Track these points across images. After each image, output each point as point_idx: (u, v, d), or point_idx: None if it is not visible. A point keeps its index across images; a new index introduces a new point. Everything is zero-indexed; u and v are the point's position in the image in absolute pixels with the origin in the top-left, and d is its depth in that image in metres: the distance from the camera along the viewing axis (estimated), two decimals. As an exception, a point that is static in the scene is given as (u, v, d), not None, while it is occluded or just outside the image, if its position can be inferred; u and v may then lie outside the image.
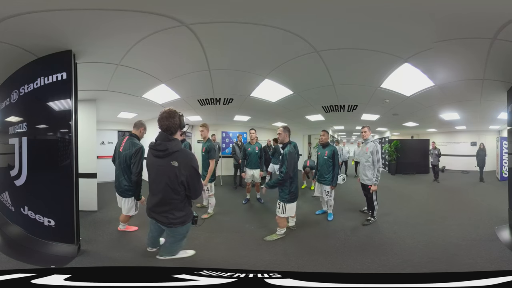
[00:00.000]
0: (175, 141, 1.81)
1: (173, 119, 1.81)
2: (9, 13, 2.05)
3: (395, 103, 4.94)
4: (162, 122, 1.80)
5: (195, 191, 1.88)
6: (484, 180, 7.74)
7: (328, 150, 4.16)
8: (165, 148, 1.77)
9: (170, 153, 1.77)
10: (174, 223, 1.91)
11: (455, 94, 4.32)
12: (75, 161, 2.76)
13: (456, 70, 3.42)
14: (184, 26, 2.38)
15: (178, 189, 1.81)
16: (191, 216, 2.00)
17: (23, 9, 2.02)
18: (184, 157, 1.80)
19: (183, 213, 1.92)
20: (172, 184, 1.79)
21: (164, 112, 1.81)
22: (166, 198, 1.86)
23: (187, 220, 1.96)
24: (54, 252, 2.68)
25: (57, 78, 2.72)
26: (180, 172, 1.77)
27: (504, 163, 7.64)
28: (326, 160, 4.09)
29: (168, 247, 2.17)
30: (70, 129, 2.75)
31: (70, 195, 2.72)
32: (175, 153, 1.77)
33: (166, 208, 1.89)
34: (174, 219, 1.90)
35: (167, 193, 1.84)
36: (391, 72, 3.48)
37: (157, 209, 1.93)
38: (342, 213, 4.30)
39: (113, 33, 2.48)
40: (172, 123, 1.80)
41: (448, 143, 10.11)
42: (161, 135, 1.82)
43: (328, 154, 4.12)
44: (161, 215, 1.92)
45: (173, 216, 1.90)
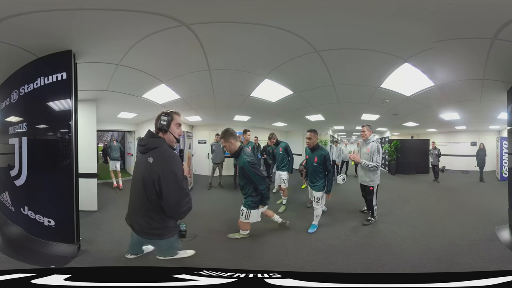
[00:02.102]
0: (158, 139, 1.76)
1: (157, 119, 1.82)
2: (9, 13, 2.05)
3: (395, 103, 4.94)
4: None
5: (168, 201, 1.61)
6: (484, 180, 7.73)
7: (317, 155, 3.53)
8: (145, 143, 1.75)
9: (149, 149, 1.71)
10: (149, 233, 1.72)
11: (455, 94, 4.32)
12: (75, 161, 2.76)
13: (456, 70, 3.42)
14: (184, 26, 2.38)
15: (150, 191, 1.64)
16: (173, 230, 1.78)
17: (24, 9, 2.02)
18: (160, 154, 1.68)
19: (159, 225, 1.70)
20: (145, 184, 1.65)
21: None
22: (139, 201, 1.72)
23: (166, 234, 1.75)
24: (54, 252, 2.68)
25: (57, 78, 2.72)
26: (152, 170, 1.63)
27: (504, 163, 7.63)
28: (316, 167, 3.55)
29: (159, 250, 2.01)
30: (70, 129, 2.75)
31: (70, 195, 2.72)
32: (154, 149, 1.70)
33: (139, 213, 1.73)
34: (148, 229, 1.71)
35: (140, 195, 1.69)
36: (391, 72, 3.48)
37: (132, 214, 1.81)
38: (342, 213, 4.29)
39: (113, 33, 2.49)
40: (156, 122, 1.82)
41: (448, 143, 10.10)
42: (147, 132, 1.83)
43: (318, 160, 3.50)
44: (135, 221, 1.77)
45: (147, 226, 1.71)
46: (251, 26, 2.40)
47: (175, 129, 1.82)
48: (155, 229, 1.71)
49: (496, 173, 8.29)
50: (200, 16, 2.27)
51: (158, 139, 1.75)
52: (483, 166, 7.98)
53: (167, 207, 1.63)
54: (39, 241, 2.78)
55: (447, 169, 9.89)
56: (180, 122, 1.87)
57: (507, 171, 4.66)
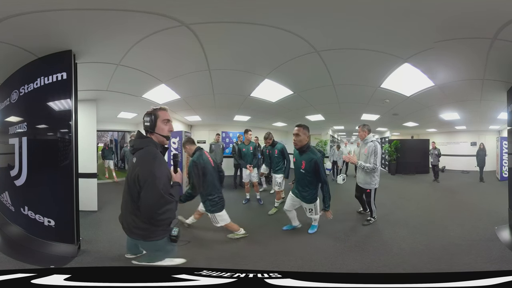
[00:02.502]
0: (144, 139, 1.70)
1: (144, 117, 1.73)
2: (9, 13, 2.05)
3: (395, 103, 4.94)
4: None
5: (142, 203, 1.53)
6: (484, 180, 7.74)
7: (306, 159, 2.87)
8: (132, 144, 1.72)
9: (136, 150, 1.68)
10: (135, 233, 1.67)
11: (455, 94, 4.32)
12: (75, 161, 2.76)
13: (456, 70, 3.42)
14: (184, 26, 2.38)
15: (133, 190, 1.59)
16: (161, 233, 1.70)
17: (23, 9, 2.02)
18: (141, 155, 1.62)
19: (144, 226, 1.64)
20: (129, 184, 1.62)
21: None
22: (126, 199, 1.69)
23: (151, 237, 1.67)
24: (54, 252, 2.68)
25: (57, 78, 2.72)
26: (134, 170, 1.58)
27: (504, 163, 7.63)
28: (304, 174, 2.93)
29: (145, 256, 1.93)
30: (70, 129, 2.75)
31: (70, 195, 2.72)
32: (139, 150, 1.66)
33: (127, 212, 1.70)
34: (134, 228, 1.66)
35: (127, 194, 1.67)
36: (391, 72, 3.48)
37: (122, 212, 1.77)
38: (342, 213, 4.29)
39: (113, 33, 2.49)
40: (144, 121, 1.74)
41: (448, 143, 10.11)
42: (137, 133, 1.78)
43: (307, 166, 2.83)
44: (125, 219, 1.73)
45: (134, 224, 1.66)
46: (251, 26, 2.39)
47: (162, 127, 1.72)
48: (140, 229, 1.64)
49: (496, 173, 8.29)
50: (200, 16, 2.27)
51: (145, 139, 1.70)
52: (483, 166, 7.99)
53: (141, 209, 1.55)
54: (39, 241, 2.78)
55: (447, 169, 9.90)
56: (168, 118, 1.75)
57: (507, 171, 4.66)
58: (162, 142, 1.73)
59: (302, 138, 2.87)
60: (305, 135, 2.91)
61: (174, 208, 1.57)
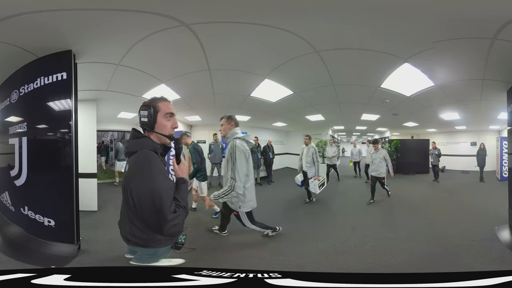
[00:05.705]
0: (140, 140, 1.31)
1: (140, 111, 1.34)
2: (9, 13, 2.05)
3: (395, 103, 4.94)
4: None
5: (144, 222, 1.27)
6: (484, 180, 7.73)
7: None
8: (126, 145, 1.37)
9: (129, 154, 1.31)
10: (132, 241, 1.38)
11: (455, 94, 4.32)
12: (75, 161, 2.76)
13: (456, 70, 3.42)
14: (184, 26, 2.38)
15: (129, 201, 1.27)
16: (163, 242, 1.41)
17: (23, 9, 2.02)
18: (133, 163, 1.26)
19: (145, 236, 1.34)
20: (124, 192, 1.29)
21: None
22: (124, 208, 1.38)
23: (155, 245, 1.39)
24: (54, 252, 2.68)
25: (57, 78, 2.72)
26: (125, 181, 1.26)
27: (504, 163, 7.62)
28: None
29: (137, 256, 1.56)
30: (70, 129, 2.75)
31: (70, 195, 2.72)
32: (133, 154, 1.28)
33: (125, 218, 1.38)
34: (132, 237, 1.37)
35: (124, 202, 1.36)
36: (391, 72, 3.48)
37: (121, 217, 1.48)
38: (341, 213, 4.29)
39: (113, 33, 2.49)
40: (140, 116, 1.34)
41: (448, 143, 10.10)
42: (131, 131, 1.37)
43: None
44: (123, 224, 1.44)
45: (130, 230, 1.35)
46: (251, 26, 2.39)
47: (164, 123, 1.31)
48: (139, 238, 1.36)
49: (496, 173, 8.29)
50: (200, 16, 2.27)
51: (140, 140, 1.30)
52: (483, 166, 7.98)
53: (154, 224, 1.26)
54: (39, 241, 2.78)
55: (447, 169, 9.89)
56: (172, 111, 1.34)
57: (507, 171, 4.66)
58: (164, 143, 1.35)
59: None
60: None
61: (181, 222, 1.27)
